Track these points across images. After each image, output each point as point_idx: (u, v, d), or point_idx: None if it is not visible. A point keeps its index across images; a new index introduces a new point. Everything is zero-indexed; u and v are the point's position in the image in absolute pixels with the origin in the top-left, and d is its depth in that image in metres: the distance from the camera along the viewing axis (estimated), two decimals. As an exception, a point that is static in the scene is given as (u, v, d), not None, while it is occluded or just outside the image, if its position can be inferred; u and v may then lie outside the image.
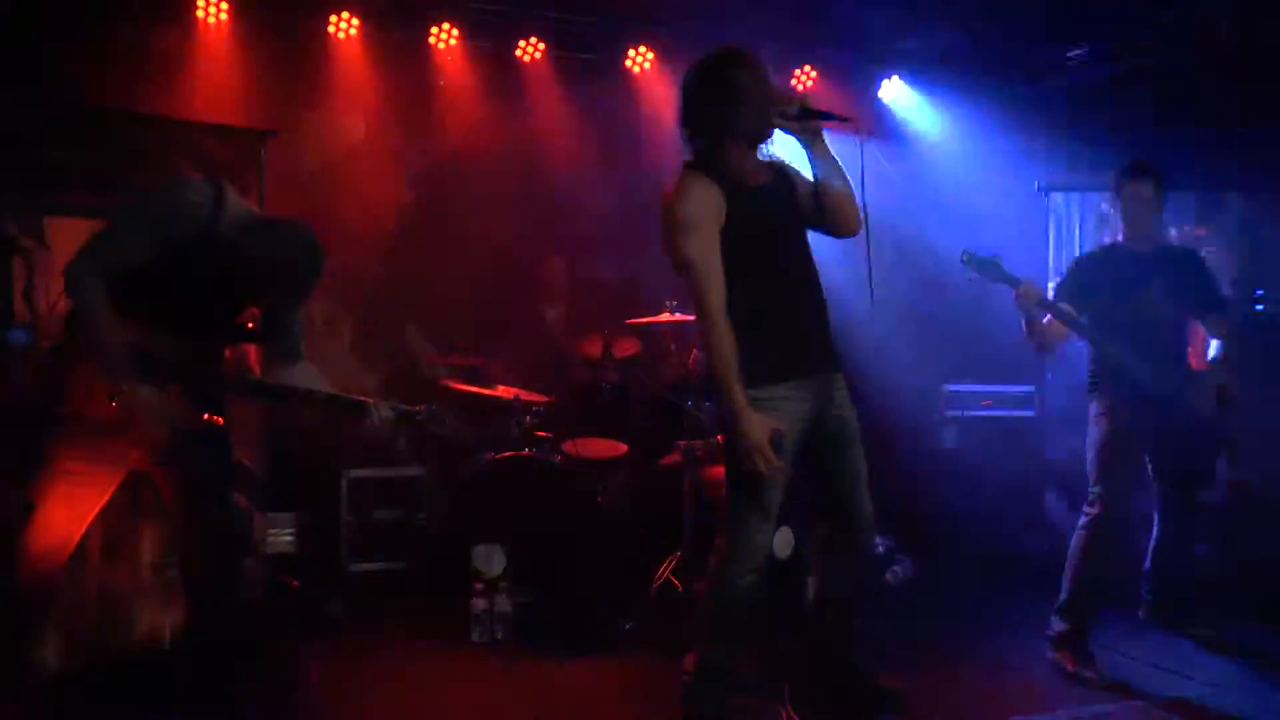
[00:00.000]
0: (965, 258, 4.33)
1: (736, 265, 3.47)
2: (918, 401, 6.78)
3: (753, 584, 3.62)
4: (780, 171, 3.70)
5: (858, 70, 7.16)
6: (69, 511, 3.37)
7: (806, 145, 3.62)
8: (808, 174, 3.72)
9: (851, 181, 3.65)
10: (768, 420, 3.43)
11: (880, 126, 7.27)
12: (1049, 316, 4.44)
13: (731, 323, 3.45)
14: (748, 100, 3.50)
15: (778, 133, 3.62)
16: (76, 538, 3.43)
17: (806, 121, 3.55)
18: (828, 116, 3.57)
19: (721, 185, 3.49)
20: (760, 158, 3.64)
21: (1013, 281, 4.31)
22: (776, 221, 3.59)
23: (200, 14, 5.83)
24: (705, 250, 3.44)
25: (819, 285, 3.68)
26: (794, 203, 3.67)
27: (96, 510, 3.43)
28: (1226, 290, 5.55)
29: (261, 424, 4.86)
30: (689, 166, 3.58)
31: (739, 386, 3.41)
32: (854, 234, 3.70)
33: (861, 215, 3.69)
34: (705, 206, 3.45)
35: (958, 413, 6.61)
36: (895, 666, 4.52)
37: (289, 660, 4.53)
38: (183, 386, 3.37)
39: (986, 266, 4.33)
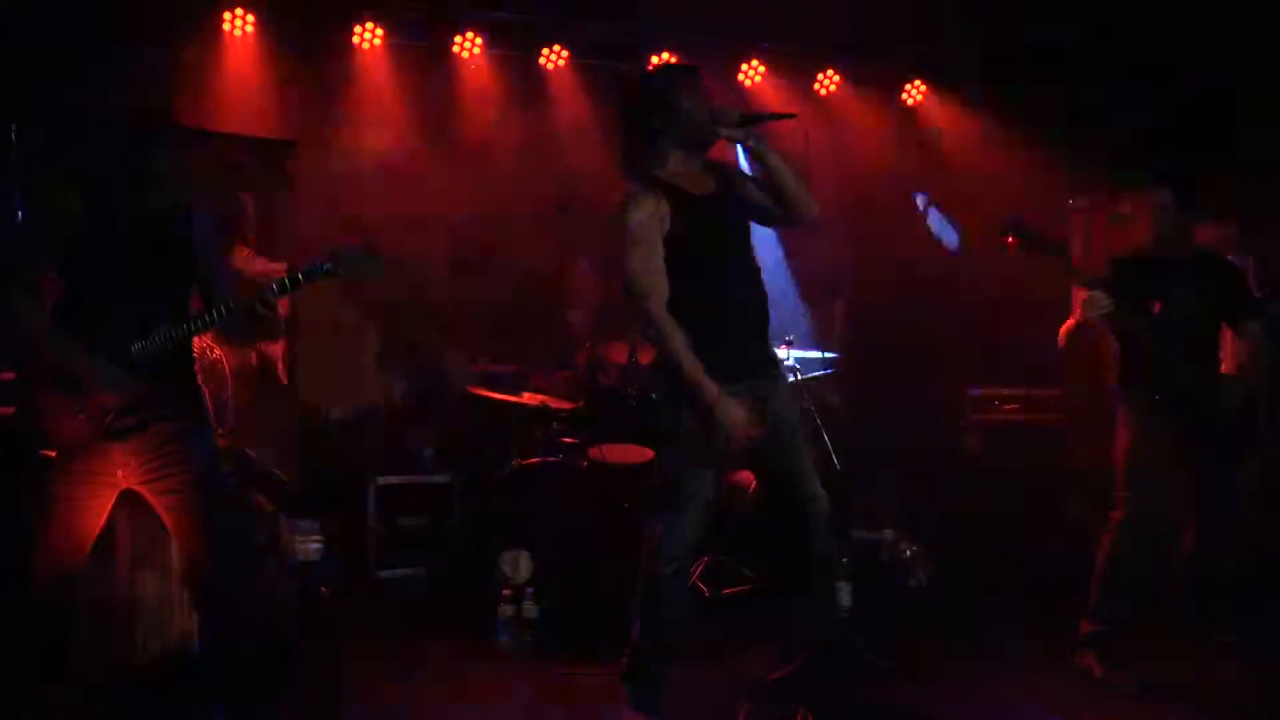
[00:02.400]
0: (1010, 223, 4.27)
1: (680, 271, 3.61)
2: (942, 405, 6.76)
3: (677, 575, 3.75)
4: (726, 176, 3.82)
5: (882, 76, 7.16)
6: (69, 537, 3.45)
7: (749, 150, 3.70)
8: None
9: (797, 172, 3.71)
10: (742, 406, 3.56)
11: (903, 132, 7.27)
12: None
13: (681, 329, 3.59)
14: (686, 115, 3.64)
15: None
16: (82, 560, 3.50)
17: (748, 128, 3.64)
18: (768, 118, 3.70)
19: (666, 196, 3.62)
20: (703, 165, 3.77)
21: (1065, 255, 4.26)
22: (718, 228, 3.71)
23: (226, 27, 5.89)
24: (647, 261, 3.59)
25: (761, 286, 3.81)
26: (739, 207, 3.78)
27: (97, 532, 3.51)
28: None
29: (291, 432, 4.88)
30: (634, 179, 3.70)
31: (710, 383, 3.54)
32: (810, 219, 3.76)
33: (810, 202, 3.75)
34: (649, 219, 3.59)
35: (984, 416, 6.59)
36: (919, 670, 4.53)
37: (318, 666, 4.56)
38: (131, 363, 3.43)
39: (1037, 239, 4.28)
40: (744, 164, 3.87)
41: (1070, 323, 4.42)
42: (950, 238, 6.98)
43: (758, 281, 3.80)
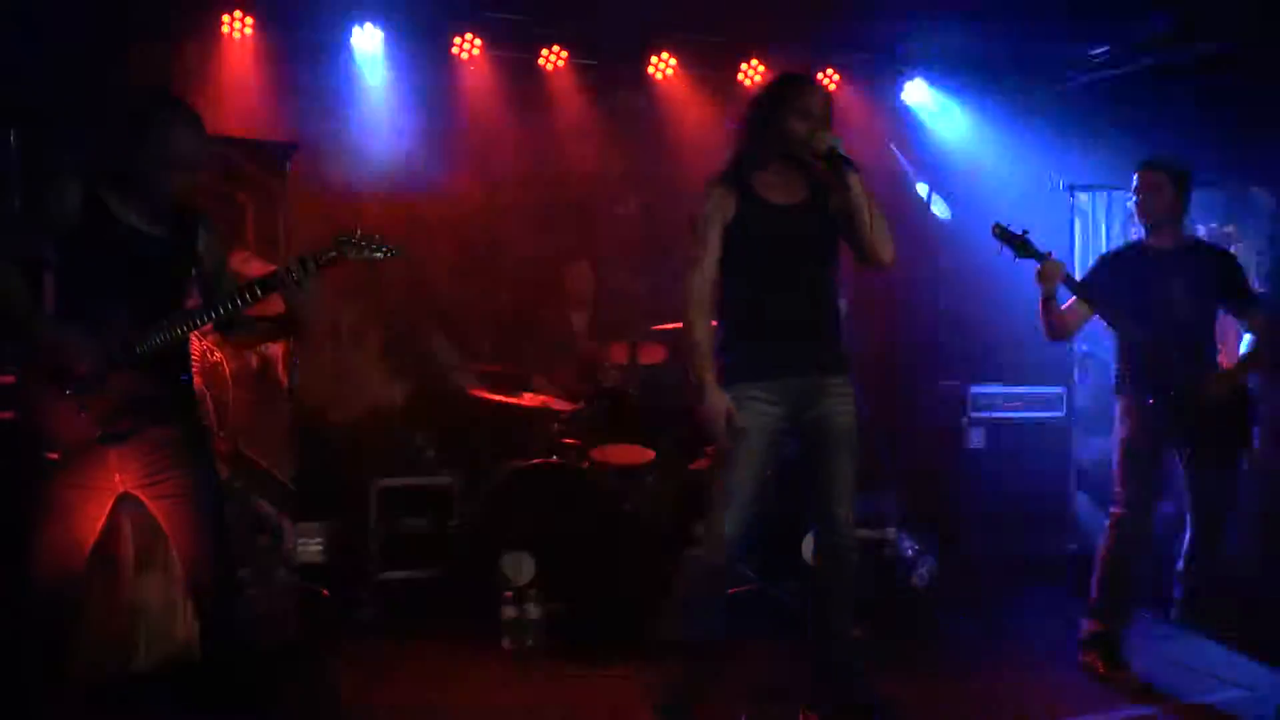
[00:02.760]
0: (996, 230, 4.33)
1: (734, 267, 3.74)
2: (944, 403, 6.75)
3: (716, 570, 3.74)
4: (820, 194, 3.80)
5: (879, 72, 7.15)
6: (66, 542, 3.43)
7: (838, 183, 3.70)
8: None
9: (877, 215, 3.73)
10: (729, 402, 3.65)
11: (903, 128, 7.26)
12: (1069, 302, 4.42)
13: (723, 321, 3.79)
14: (784, 135, 3.68)
15: None
16: (80, 565, 3.48)
17: (833, 162, 3.65)
18: (848, 165, 3.65)
19: (738, 191, 3.73)
20: (805, 177, 3.79)
21: (1039, 256, 4.30)
22: (784, 236, 3.75)
23: (225, 29, 5.89)
24: (700, 249, 3.72)
25: (825, 298, 3.83)
26: (819, 223, 3.79)
27: (94, 537, 3.48)
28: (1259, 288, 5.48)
29: (290, 433, 4.88)
30: (720, 176, 3.79)
31: (707, 366, 3.68)
32: (885, 267, 3.81)
33: (891, 248, 3.78)
34: (716, 205, 3.72)
35: (985, 414, 6.58)
36: (922, 668, 4.52)
37: (320, 669, 4.56)
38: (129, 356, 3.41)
39: (1015, 241, 4.32)
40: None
41: (1041, 305, 4.41)
42: (942, 208, 6.96)
43: (821, 292, 3.81)
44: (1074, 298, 4.46)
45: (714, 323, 3.78)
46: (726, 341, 3.77)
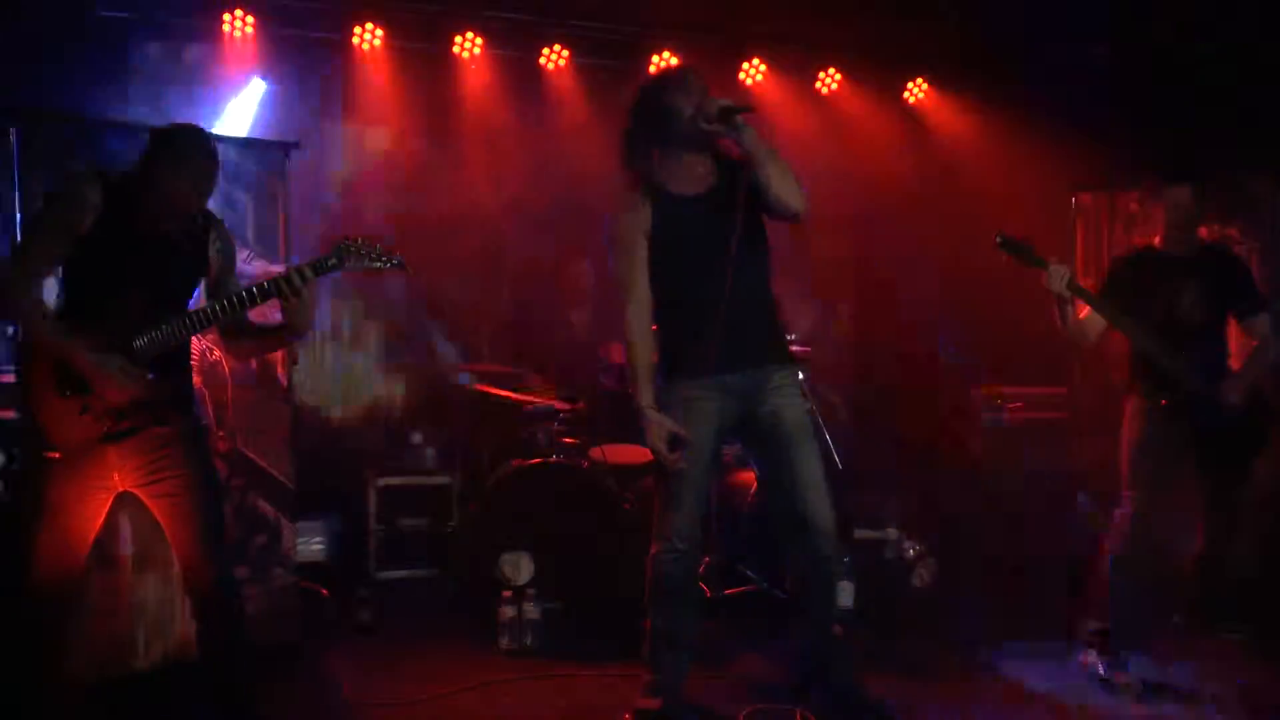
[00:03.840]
0: (999, 239, 4.28)
1: (660, 268, 3.75)
2: (946, 403, 6.74)
3: (677, 562, 3.83)
4: (729, 173, 3.74)
5: (881, 73, 7.14)
6: (65, 541, 3.45)
7: (738, 141, 3.64)
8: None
9: (784, 165, 3.65)
10: (666, 422, 3.71)
11: (906, 130, 7.25)
12: (1085, 311, 4.39)
13: (661, 323, 3.80)
14: (671, 115, 3.66)
15: None
16: (80, 564, 3.50)
17: (729, 120, 3.59)
18: (742, 109, 3.62)
19: (650, 197, 3.73)
20: (714, 162, 3.78)
21: (1044, 264, 4.25)
22: (702, 228, 3.71)
23: (226, 28, 5.88)
24: (629, 267, 3.74)
25: (759, 285, 3.81)
26: (733, 205, 3.68)
27: (93, 536, 3.50)
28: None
29: (290, 433, 4.88)
30: (627, 183, 3.80)
31: (645, 393, 3.74)
32: (799, 214, 3.68)
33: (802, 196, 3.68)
34: (631, 224, 3.74)
35: (988, 415, 6.56)
36: (923, 669, 4.51)
37: (319, 668, 4.55)
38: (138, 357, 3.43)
39: (1020, 249, 4.27)
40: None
41: (1052, 310, 4.38)
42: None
43: (753, 278, 3.76)
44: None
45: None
46: (665, 343, 3.81)
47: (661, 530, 3.85)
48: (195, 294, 3.66)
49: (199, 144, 3.46)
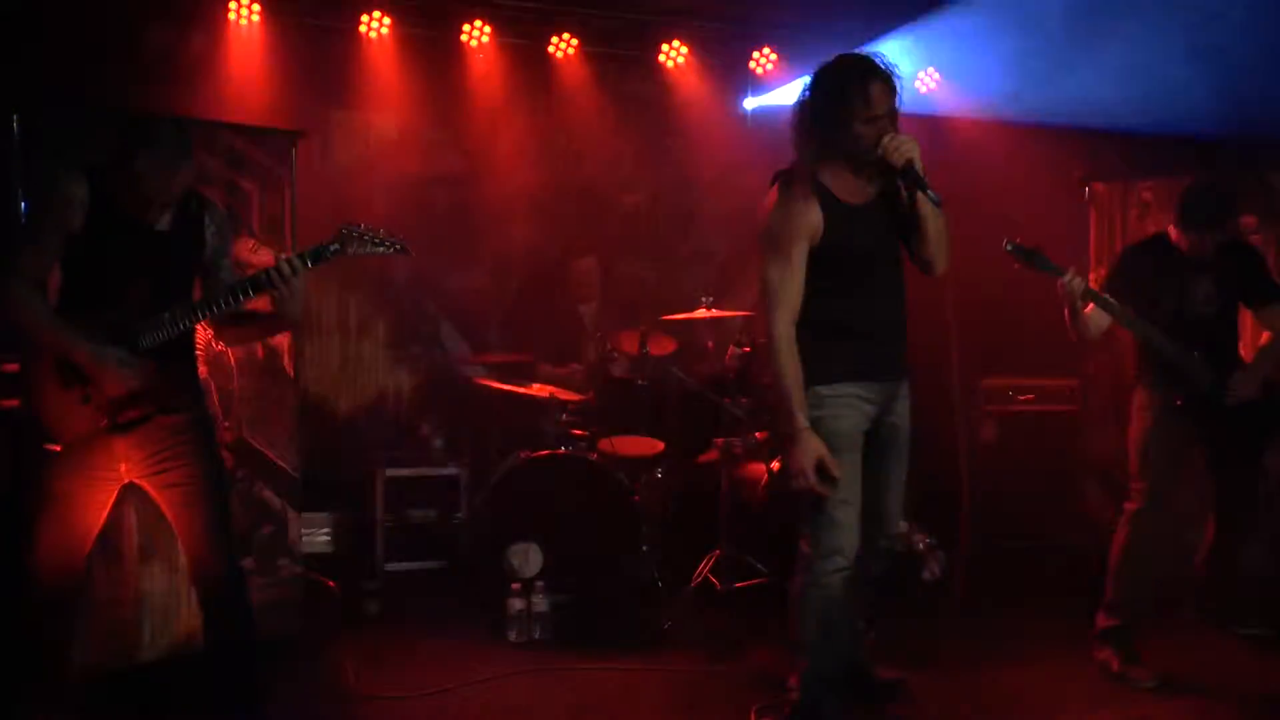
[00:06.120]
0: (1010, 247, 4.25)
1: (825, 278, 3.53)
2: (956, 396, 6.69)
3: (846, 577, 3.58)
4: (888, 186, 3.66)
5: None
6: (70, 533, 3.43)
7: (913, 198, 3.59)
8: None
9: (942, 228, 3.65)
10: (821, 449, 3.46)
11: (915, 117, 7.19)
12: (1091, 306, 4.36)
13: (814, 325, 3.52)
14: (849, 134, 3.48)
15: None
16: (84, 556, 3.49)
17: (905, 179, 3.52)
18: (922, 187, 3.49)
19: (818, 196, 3.52)
20: (873, 171, 3.59)
21: (1058, 270, 4.23)
22: (869, 242, 3.61)
23: (232, 15, 5.85)
24: (784, 273, 3.50)
25: (902, 298, 3.71)
26: (891, 223, 3.67)
27: (98, 527, 3.49)
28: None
29: (296, 423, 4.85)
30: (788, 176, 3.59)
31: (800, 412, 3.47)
32: (935, 273, 3.74)
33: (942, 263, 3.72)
34: (800, 224, 3.50)
35: (997, 407, 6.52)
36: (934, 662, 4.48)
37: (325, 659, 4.53)
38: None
39: (1032, 256, 4.24)
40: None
41: (1065, 312, 4.35)
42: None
43: (899, 291, 3.69)
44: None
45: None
46: (820, 347, 3.54)
47: (823, 549, 3.57)
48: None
49: (170, 137, 3.42)
